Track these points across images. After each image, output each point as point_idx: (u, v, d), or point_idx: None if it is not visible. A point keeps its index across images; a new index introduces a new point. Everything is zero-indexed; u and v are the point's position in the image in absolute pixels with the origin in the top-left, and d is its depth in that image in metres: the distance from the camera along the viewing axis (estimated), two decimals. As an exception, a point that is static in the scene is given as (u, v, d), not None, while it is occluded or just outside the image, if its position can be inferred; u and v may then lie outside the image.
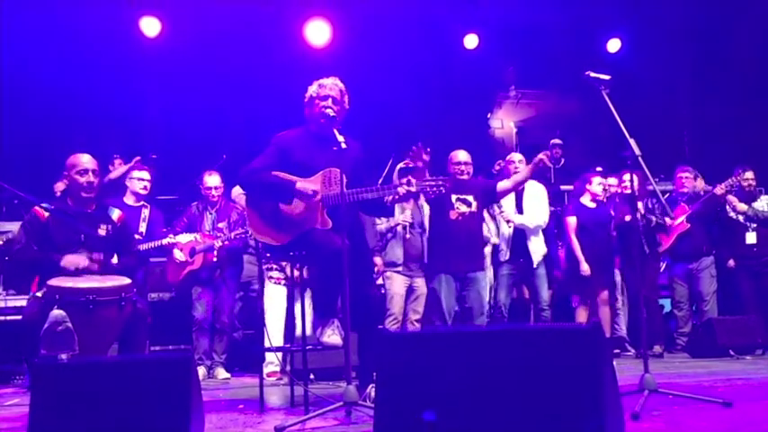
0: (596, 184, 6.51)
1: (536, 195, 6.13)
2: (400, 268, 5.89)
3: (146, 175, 5.97)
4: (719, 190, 6.43)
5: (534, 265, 6.02)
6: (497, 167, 7.52)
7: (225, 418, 3.50)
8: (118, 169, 6.78)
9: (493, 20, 8.82)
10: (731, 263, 6.74)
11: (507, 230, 6.07)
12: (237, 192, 5.99)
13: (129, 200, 5.92)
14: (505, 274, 6.05)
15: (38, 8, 7.51)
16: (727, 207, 6.74)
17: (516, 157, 6.20)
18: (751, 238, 6.65)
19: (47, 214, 4.06)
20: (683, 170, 6.88)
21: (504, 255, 6.07)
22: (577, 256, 6.34)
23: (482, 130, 10.21)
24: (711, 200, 6.51)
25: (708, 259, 6.61)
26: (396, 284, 5.89)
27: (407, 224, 5.83)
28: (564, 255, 6.68)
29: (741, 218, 6.69)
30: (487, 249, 6.20)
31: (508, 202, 6.04)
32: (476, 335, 2.44)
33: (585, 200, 6.57)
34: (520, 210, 6.05)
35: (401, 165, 6.02)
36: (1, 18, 7.50)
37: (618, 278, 6.73)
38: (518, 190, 6.04)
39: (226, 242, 5.76)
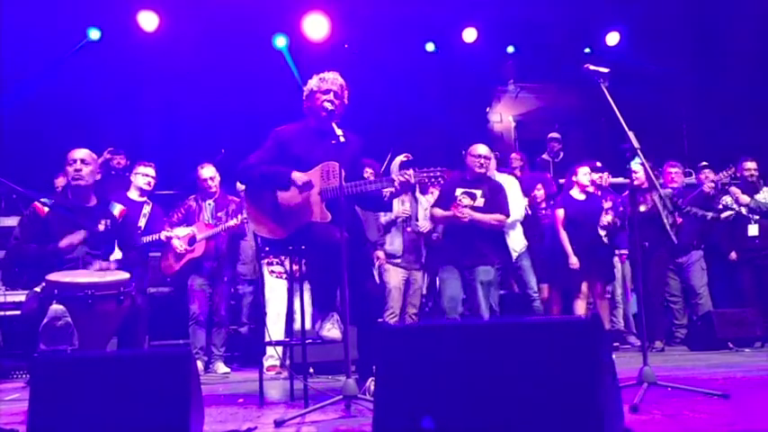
0: (582, 175, 6.48)
1: (510, 191, 5.97)
2: (398, 260, 5.90)
3: (150, 171, 6.00)
4: (708, 187, 6.42)
5: (516, 259, 5.97)
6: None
7: (224, 412, 3.50)
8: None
9: (492, 13, 8.80)
10: (733, 255, 6.75)
11: None
12: (242, 187, 6.00)
13: (134, 195, 5.94)
14: None
15: (37, 2, 7.48)
16: (728, 198, 6.74)
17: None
18: (753, 230, 6.65)
19: (46, 210, 4.06)
20: (672, 165, 6.89)
21: None
22: (565, 249, 6.32)
23: (481, 124, 10.20)
24: (700, 196, 6.51)
25: (697, 253, 6.61)
26: (393, 278, 5.91)
27: (407, 215, 5.85)
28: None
29: (743, 210, 6.69)
30: None
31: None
32: (475, 328, 2.45)
33: (575, 192, 6.55)
34: None
35: (402, 158, 6.01)
36: (1, 14, 7.47)
37: (619, 272, 6.74)
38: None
39: (227, 228, 5.74)
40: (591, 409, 2.09)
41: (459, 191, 5.42)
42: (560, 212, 6.42)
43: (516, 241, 5.99)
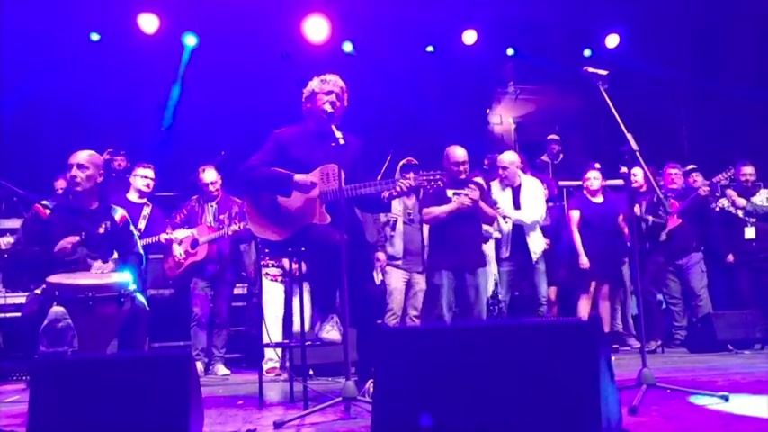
0: (593, 179, 6.53)
1: (533, 191, 6.12)
2: (399, 262, 5.92)
3: (150, 173, 6.00)
4: (703, 191, 6.43)
5: (534, 261, 6.03)
6: (487, 162, 7.54)
7: (224, 414, 3.50)
8: None
9: (491, 15, 8.81)
10: (730, 258, 6.76)
11: (506, 227, 6.08)
12: None
13: (133, 196, 5.95)
14: (505, 271, 6.08)
15: (37, 3, 7.50)
16: (724, 201, 6.75)
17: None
18: (750, 232, 6.67)
19: (48, 212, 4.06)
20: (671, 166, 6.91)
21: (505, 252, 6.08)
22: (577, 250, 6.35)
23: (481, 126, 10.21)
24: (698, 199, 6.53)
25: (697, 255, 6.62)
26: (394, 279, 5.93)
27: (394, 219, 5.87)
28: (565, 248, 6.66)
29: (740, 213, 6.70)
30: (490, 244, 6.20)
31: (505, 199, 6.05)
32: (474, 330, 2.45)
33: (590, 195, 6.61)
34: (517, 206, 6.03)
35: (404, 161, 6.04)
36: (1, 15, 7.49)
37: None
38: (514, 186, 6.02)
39: (231, 232, 5.76)
40: (589, 410, 2.09)
41: (450, 192, 5.41)
42: (575, 214, 6.46)
43: (537, 243, 6.04)
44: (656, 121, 8.31)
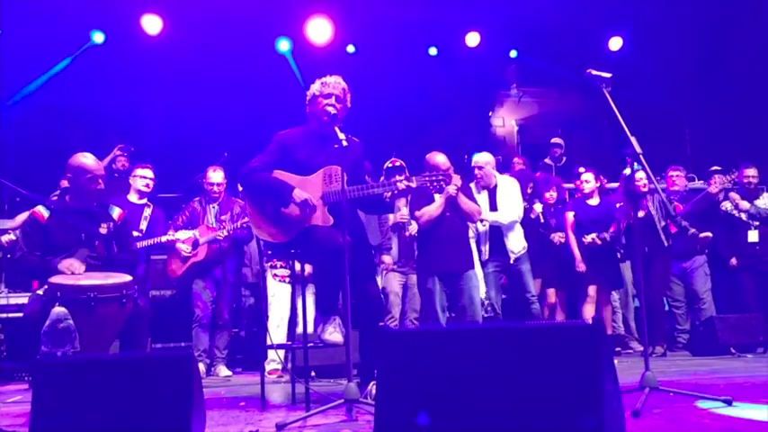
0: (584, 183, 6.55)
1: (509, 191, 5.99)
2: (394, 266, 5.93)
3: (148, 173, 6.00)
4: (714, 188, 6.42)
5: (514, 261, 5.96)
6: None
7: (227, 416, 3.50)
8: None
9: (494, 18, 8.82)
10: (733, 261, 6.74)
11: (482, 228, 6.01)
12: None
13: (133, 197, 5.95)
14: (491, 272, 5.95)
15: (39, 3, 7.51)
16: (728, 204, 6.74)
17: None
18: (753, 236, 6.65)
19: (47, 215, 4.05)
20: (674, 169, 6.89)
21: (485, 254, 6.00)
22: (573, 253, 6.34)
23: (483, 129, 10.22)
24: (706, 198, 6.50)
25: (701, 258, 6.60)
26: (391, 283, 5.92)
27: (405, 221, 5.85)
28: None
29: (744, 216, 6.68)
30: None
31: (482, 201, 5.92)
32: (477, 332, 2.44)
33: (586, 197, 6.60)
34: (494, 207, 5.90)
35: (388, 164, 6.03)
36: (2, 16, 7.50)
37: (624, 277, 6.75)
38: (490, 187, 5.96)
39: (230, 231, 5.77)
40: (592, 414, 2.09)
41: (437, 197, 5.38)
42: (570, 216, 6.44)
43: (515, 243, 5.97)
44: (658, 124, 8.32)
